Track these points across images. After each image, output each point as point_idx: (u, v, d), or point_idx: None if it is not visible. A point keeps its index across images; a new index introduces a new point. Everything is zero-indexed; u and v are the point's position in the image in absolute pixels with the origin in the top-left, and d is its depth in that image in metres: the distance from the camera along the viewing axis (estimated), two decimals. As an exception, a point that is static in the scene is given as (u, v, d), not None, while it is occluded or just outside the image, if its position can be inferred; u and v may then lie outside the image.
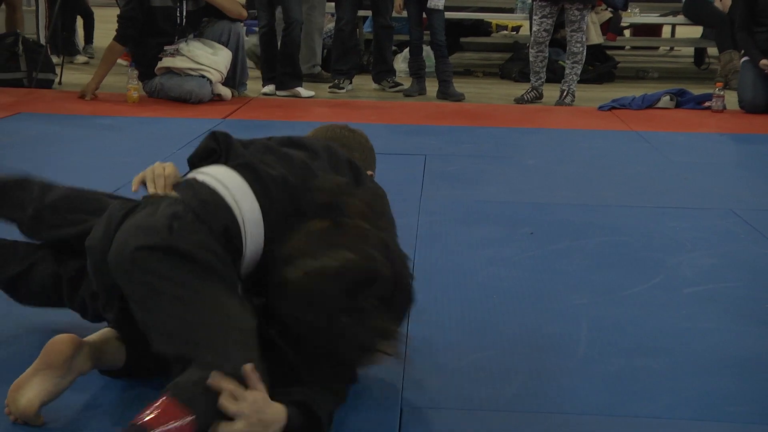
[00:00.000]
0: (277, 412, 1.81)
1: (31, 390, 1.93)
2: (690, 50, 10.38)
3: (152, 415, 1.68)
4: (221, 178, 2.06)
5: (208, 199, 2.00)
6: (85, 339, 2.03)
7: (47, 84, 6.96)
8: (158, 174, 2.11)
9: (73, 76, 7.32)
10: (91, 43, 9.17)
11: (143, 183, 2.13)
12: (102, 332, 2.11)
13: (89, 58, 8.74)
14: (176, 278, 1.88)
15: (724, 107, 6.66)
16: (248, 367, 1.78)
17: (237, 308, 1.90)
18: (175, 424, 1.68)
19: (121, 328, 2.10)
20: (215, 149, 2.15)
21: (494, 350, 2.43)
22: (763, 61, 6.52)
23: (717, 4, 8.21)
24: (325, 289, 1.90)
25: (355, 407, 2.07)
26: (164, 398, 1.71)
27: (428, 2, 7.02)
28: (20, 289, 2.35)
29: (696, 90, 7.11)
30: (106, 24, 7.26)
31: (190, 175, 2.12)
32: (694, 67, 9.93)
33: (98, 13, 9.56)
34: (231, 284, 1.95)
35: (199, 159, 2.17)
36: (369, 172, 2.45)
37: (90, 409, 2.06)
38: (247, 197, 2.03)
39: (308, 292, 1.91)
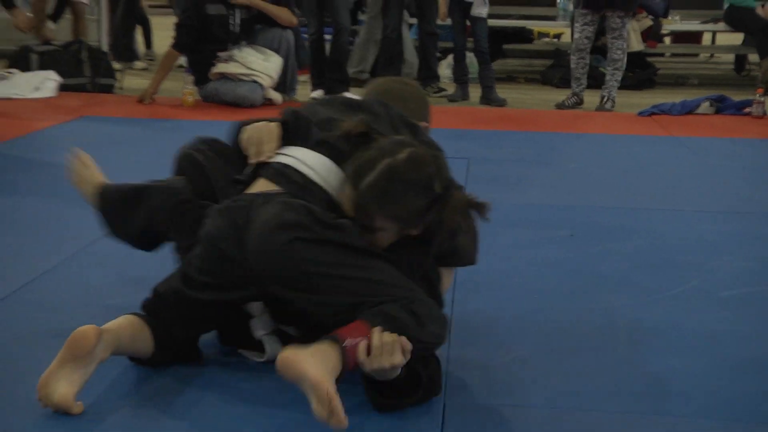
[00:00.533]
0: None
1: (61, 383, 1.96)
2: (730, 57, 10.24)
3: (345, 330, 1.93)
4: (308, 161, 2.22)
5: (307, 185, 2.17)
6: (104, 327, 2.06)
7: (108, 88, 7.05)
8: (260, 140, 2.30)
9: (133, 81, 7.41)
10: (150, 48, 9.26)
11: None
12: (118, 321, 2.14)
13: (149, 61, 8.83)
14: (338, 260, 2.03)
15: (765, 113, 6.57)
16: None
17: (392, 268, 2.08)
18: (363, 339, 1.91)
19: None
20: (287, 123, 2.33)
21: (534, 349, 2.43)
22: None
23: (759, 11, 8.09)
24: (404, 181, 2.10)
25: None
26: (358, 321, 1.94)
27: (471, 10, 7.02)
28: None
29: (736, 96, 7.01)
30: (164, 32, 7.34)
31: (281, 160, 2.24)
32: (734, 73, 9.80)
33: (156, 21, 9.67)
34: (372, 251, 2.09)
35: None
36: (424, 124, 2.51)
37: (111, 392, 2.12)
38: (332, 173, 2.19)
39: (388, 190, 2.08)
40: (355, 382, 2.04)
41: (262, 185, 2.21)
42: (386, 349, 1.89)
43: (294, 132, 2.30)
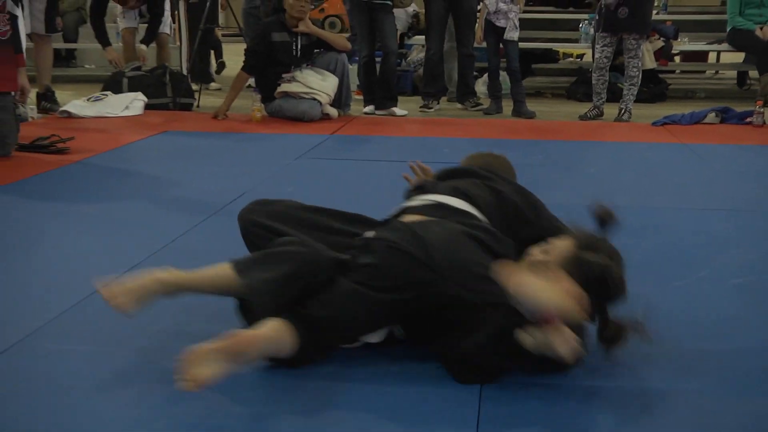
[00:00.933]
0: None
1: (213, 368, 1.87)
2: (733, 73, 10.10)
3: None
4: (452, 201, 2.32)
5: (465, 213, 2.28)
6: (260, 336, 1.98)
7: (188, 107, 7.12)
8: (424, 168, 2.66)
9: (208, 100, 7.47)
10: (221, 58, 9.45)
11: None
12: (270, 326, 2.02)
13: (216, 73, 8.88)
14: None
15: (764, 122, 6.46)
16: None
17: None
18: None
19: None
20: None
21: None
22: None
23: (758, 32, 7.94)
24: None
25: (436, 386, 2.05)
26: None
27: (505, 34, 6.98)
28: None
29: (739, 108, 6.89)
30: (236, 56, 7.39)
31: (426, 202, 2.36)
32: (736, 87, 9.65)
33: (228, 48, 9.74)
34: None
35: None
36: None
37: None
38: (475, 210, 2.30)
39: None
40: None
41: (413, 218, 2.25)
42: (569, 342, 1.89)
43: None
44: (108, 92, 6.86)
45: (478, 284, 2.03)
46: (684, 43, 9.00)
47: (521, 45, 7.50)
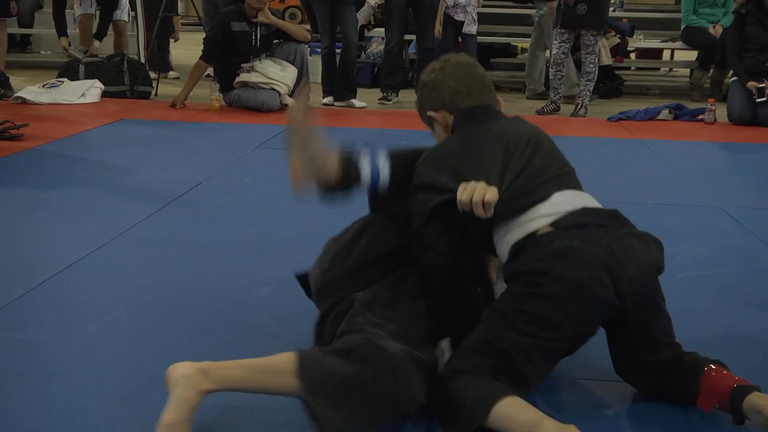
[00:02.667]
0: None
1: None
2: (686, 71, 10.21)
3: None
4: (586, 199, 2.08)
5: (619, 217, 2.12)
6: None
7: (146, 95, 7.02)
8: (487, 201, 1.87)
9: (167, 88, 7.37)
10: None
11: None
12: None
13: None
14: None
15: (715, 120, 6.56)
16: None
17: None
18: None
19: None
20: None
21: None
22: (750, 83, 6.42)
23: (711, 30, 8.07)
24: None
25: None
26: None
27: (463, 28, 7.00)
28: None
29: (691, 105, 7.00)
30: (195, 45, 7.31)
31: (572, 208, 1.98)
32: (689, 85, 9.74)
33: (187, 37, 9.62)
34: None
35: None
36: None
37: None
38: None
39: None
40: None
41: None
42: None
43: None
44: (64, 79, 6.73)
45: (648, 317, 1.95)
46: (639, 40, 9.10)
47: (480, 39, 7.52)
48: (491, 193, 1.86)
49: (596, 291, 1.80)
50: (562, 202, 1.95)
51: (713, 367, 1.90)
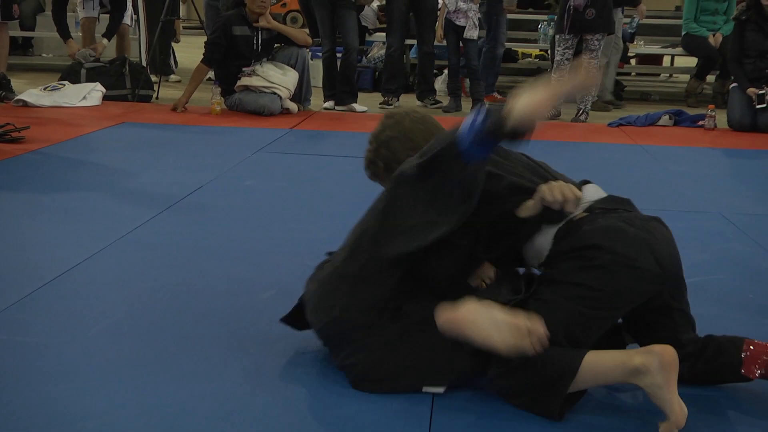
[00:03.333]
0: None
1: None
2: (686, 77, 10.19)
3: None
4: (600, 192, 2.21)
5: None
6: None
7: (147, 99, 7.03)
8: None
9: (168, 92, 7.38)
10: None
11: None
12: None
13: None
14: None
15: (715, 126, 6.56)
16: None
17: None
18: None
19: None
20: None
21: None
22: (750, 89, 6.43)
23: (710, 39, 8.08)
24: None
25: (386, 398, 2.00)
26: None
27: (464, 33, 7.00)
28: None
29: (692, 111, 7.00)
30: (197, 49, 7.31)
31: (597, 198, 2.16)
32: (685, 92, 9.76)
33: (187, 40, 9.62)
34: None
35: None
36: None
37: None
38: None
39: None
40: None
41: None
42: None
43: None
44: (65, 82, 6.74)
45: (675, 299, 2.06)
46: (640, 47, 9.12)
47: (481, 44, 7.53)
48: (575, 191, 2.05)
49: (644, 263, 1.92)
50: (589, 194, 2.13)
51: (749, 339, 2.04)
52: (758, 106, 6.40)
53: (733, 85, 6.69)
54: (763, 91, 6.39)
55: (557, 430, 1.87)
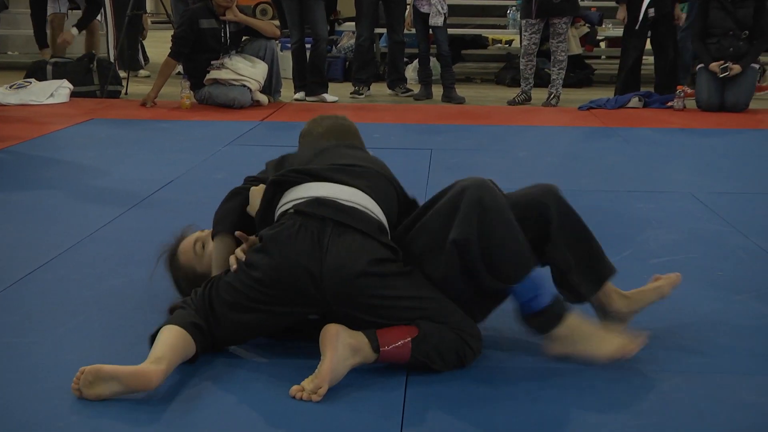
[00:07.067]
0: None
1: (106, 388, 1.86)
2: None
3: (389, 335, 1.99)
4: (343, 193, 2.15)
5: (354, 213, 2.13)
6: (163, 367, 1.90)
7: (115, 94, 6.96)
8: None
9: (137, 87, 7.31)
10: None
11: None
12: (170, 346, 1.97)
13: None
14: (397, 293, 2.07)
15: (684, 107, 6.61)
16: None
17: None
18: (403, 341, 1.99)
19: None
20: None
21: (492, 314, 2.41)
22: (713, 64, 6.47)
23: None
24: None
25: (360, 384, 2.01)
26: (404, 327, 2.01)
27: (429, 21, 6.99)
28: None
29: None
30: (165, 44, 7.25)
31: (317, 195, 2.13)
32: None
33: (156, 35, 9.53)
34: None
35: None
36: None
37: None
38: (363, 198, 2.17)
39: None
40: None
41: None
42: None
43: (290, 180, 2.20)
44: (32, 79, 6.65)
45: (366, 315, 2.03)
46: (608, 29, 9.14)
47: (451, 31, 7.52)
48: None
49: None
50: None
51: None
52: (722, 75, 6.42)
53: (701, 65, 6.72)
54: (726, 64, 6.42)
55: (535, 408, 1.88)
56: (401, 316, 2.02)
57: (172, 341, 1.98)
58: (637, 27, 6.90)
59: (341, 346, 1.93)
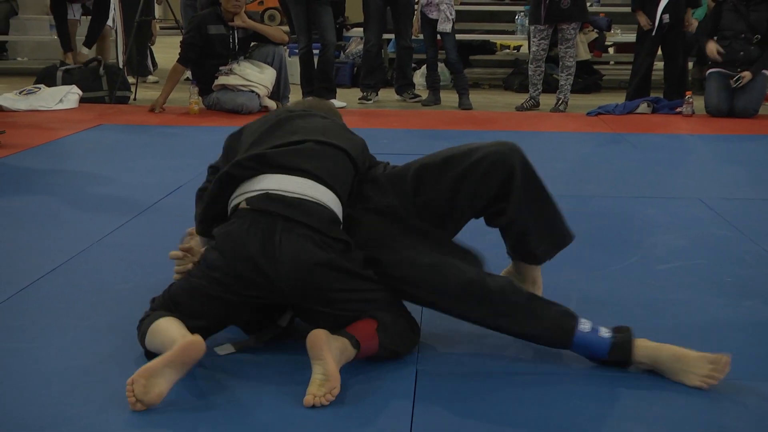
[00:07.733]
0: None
1: (163, 381, 1.86)
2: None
3: (359, 332, 2.04)
4: (289, 185, 2.16)
5: (302, 206, 2.13)
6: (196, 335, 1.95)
7: (124, 100, 6.99)
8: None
9: (145, 93, 7.35)
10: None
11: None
12: (177, 327, 2.02)
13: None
14: (348, 286, 2.13)
15: (693, 112, 6.60)
16: None
17: None
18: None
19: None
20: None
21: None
22: (710, 45, 6.46)
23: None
24: None
25: (372, 371, 2.04)
26: (366, 321, 2.07)
27: (437, 26, 7.00)
28: None
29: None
30: (174, 49, 7.28)
31: (268, 188, 2.15)
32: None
33: (165, 40, 9.57)
34: None
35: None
36: None
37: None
38: (313, 188, 2.18)
39: None
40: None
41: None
42: None
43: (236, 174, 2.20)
44: (41, 85, 6.69)
45: (320, 307, 2.09)
46: (617, 35, 9.14)
47: (459, 37, 7.53)
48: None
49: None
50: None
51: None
52: (734, 86, 6.41)
53: (710, 71, 6.72)
54: (738, 75, 6.41)
55: (540, 391, 1.88)
56: (357, 307, 2.08)
57: (173, 323, 2.02)
58: (653, 33, 6.89)
59: (333, 348, 1.96)
